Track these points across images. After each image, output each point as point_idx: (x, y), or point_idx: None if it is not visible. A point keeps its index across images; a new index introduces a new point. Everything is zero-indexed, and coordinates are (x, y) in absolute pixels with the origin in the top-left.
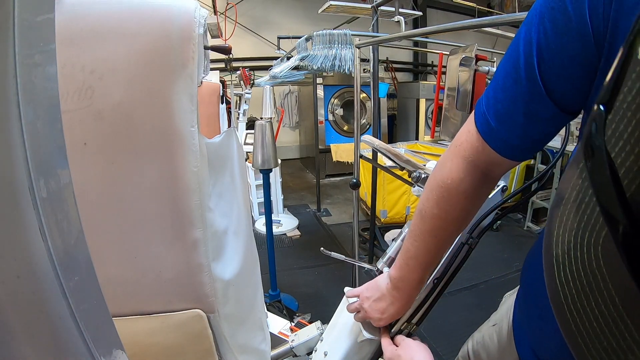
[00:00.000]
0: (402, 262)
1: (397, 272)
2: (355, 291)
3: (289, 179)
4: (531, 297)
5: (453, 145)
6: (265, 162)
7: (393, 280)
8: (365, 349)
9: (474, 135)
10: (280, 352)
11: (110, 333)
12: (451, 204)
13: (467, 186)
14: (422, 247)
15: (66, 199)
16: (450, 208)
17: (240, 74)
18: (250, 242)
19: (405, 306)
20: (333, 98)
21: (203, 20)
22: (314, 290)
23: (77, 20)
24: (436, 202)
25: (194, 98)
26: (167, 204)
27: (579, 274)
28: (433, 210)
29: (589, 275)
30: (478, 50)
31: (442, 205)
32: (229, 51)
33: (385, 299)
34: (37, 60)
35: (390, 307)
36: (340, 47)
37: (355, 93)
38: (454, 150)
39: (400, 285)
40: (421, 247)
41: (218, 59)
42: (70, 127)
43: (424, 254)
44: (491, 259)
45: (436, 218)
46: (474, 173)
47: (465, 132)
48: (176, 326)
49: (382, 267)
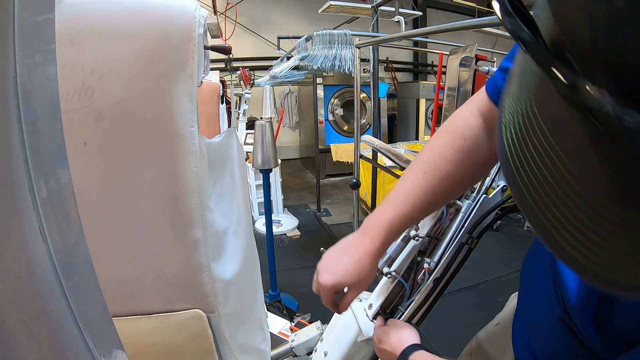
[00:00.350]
0: (378, 207)
1: (369, 216)
2: None
3: (289, 179)
4: (529, 297)
5: (469, 101)
6: (265, 162)
7: (362, 226)
8: (365, 349)
9: (484, 96)
10: (280, 352)
11: (110, 333)
12: (455, 141)
13: (475, 131)
14: (404, 185)
15: (66, 199)
16: (453, 144)
17: (240, 74)
18: (250, 242)
19: (361, 262)
20: (333, 98)
21: (203, 20)
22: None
23: (77, 20)
24: (441, 135)
25: (194, 98)
26: (167, 204)
27: (520, 127)
28: (434, 143)
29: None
30: (478, 50)
31: (447, 138)
32: (229, 51)
33: (344, 249)
34: (37, 60)
35: (343, 256)
36: (340, 47)
37: (355, 93)
38: (468, 102)
39: (367, 226)
40: (403, 186)
41: (218, 59)
42: (70, 127)
43: (403, 192)
44: (491, 259)
45: (434, 152)
46: (482, 123)
47: (478, 92)
48: (176, 326)
49: (382, 267)
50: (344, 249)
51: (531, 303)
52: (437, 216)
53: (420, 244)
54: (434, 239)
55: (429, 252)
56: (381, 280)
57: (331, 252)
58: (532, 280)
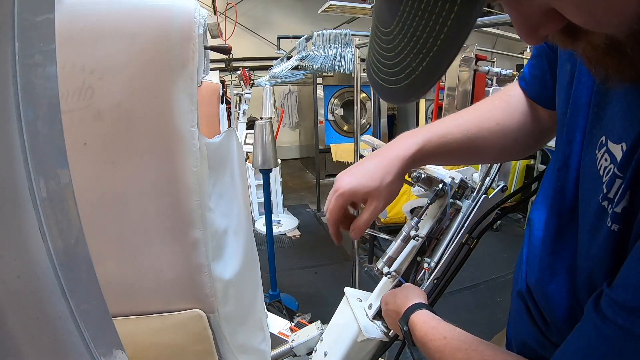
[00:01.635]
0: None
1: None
2: None
3: (289, 179)
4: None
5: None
6: (265, 162)
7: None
8: (365, 349)
9: (513, 93)
10: (280, 352)
11: (110, 333)
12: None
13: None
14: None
15: (66, 199)
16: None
17: (240, 74)
18: (250, 242)
19: (389, 165)
20: (333, 98)
21: (203, 20)
22: (314, 290)
23: (77, 20)
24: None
25: (194, 98)
26: (167, 204)
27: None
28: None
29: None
30: (478, 50)
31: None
32: (229, 51)
33: (372, 155)
34: (37, 60)
35: (369, 160)
36: (340, 47)
37: (355, 93)
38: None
39: (402, 136)
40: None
41: (218, 59)
42: (70, 127)
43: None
44: (491, 259)
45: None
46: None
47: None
48: (176, 326)
49: (382, 267)
50: (371, 155)
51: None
52: (437, 216)
53: (420, 244)
54: (434, 239)
55: (429, 252)
56: (381, 280)
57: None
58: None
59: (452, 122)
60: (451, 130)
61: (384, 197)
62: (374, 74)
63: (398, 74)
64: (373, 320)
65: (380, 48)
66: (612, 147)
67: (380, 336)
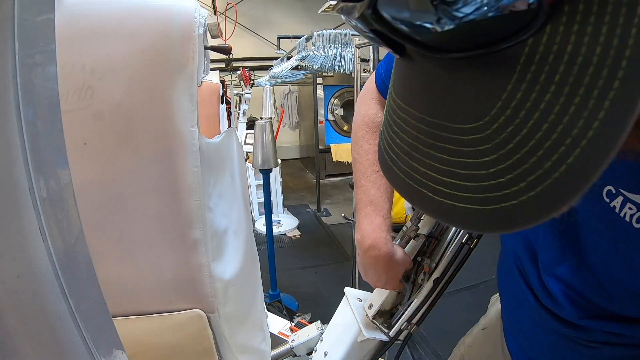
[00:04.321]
0: (361, 217)
1: (362, 231)
2: None
3: (289, 179)
4: (511, 305)
5: (362, 94)
6: (265, 162)
7: (363, 244)
8: (365, 349)
9: (375, 90)
10: (280, 352)
11: (110, 333)
12: (372, 136)
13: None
14: (369, 188)
15: (66, 199)
16: (373, 140)
17: (240, 74)
18: (250, 242)
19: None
20: (333, 98)
21: (203, 20)
22: (314, 290)
23: (77, 20)
24: (367, 137)
25: (194, 98)
26: (167, 204)
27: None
28: (365, 147)
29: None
30: None
31: (367, 139)
32: (229, 51)
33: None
34: (37, 60)
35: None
36: (340, 47)
37: (355, 93)
38: (364, 97)
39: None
40: (369, 189)
41: (218, 59)
42: (70, 127)
43: (378, 193)
44: (491, 259)
45: (370, 152)
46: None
47: (370, 81)
48: (176, 326)
49: None
50: (366, 266)
51: (513, 311)
52: None
53: (420, 244)
54: (434, 239)
55: (429, 252)
56: None
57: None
58: (508, 291)
59: (383, 191)
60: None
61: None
62: (431, 191)
63: (510, 185)
64: (373, 320)
65: (450, 153)
66: (631, 196)
67: (380, 336)
